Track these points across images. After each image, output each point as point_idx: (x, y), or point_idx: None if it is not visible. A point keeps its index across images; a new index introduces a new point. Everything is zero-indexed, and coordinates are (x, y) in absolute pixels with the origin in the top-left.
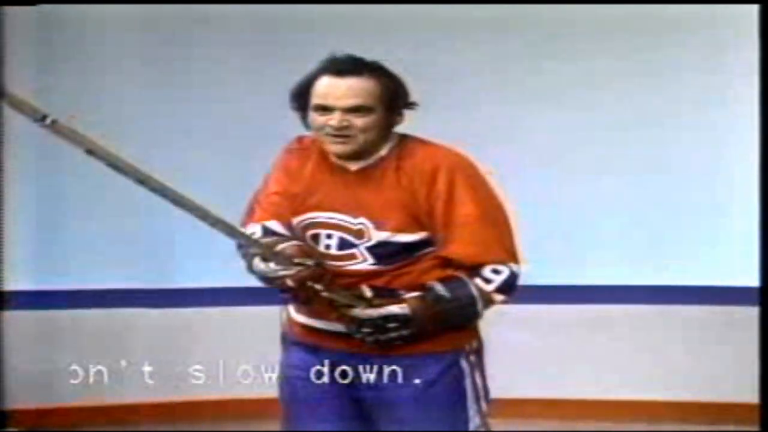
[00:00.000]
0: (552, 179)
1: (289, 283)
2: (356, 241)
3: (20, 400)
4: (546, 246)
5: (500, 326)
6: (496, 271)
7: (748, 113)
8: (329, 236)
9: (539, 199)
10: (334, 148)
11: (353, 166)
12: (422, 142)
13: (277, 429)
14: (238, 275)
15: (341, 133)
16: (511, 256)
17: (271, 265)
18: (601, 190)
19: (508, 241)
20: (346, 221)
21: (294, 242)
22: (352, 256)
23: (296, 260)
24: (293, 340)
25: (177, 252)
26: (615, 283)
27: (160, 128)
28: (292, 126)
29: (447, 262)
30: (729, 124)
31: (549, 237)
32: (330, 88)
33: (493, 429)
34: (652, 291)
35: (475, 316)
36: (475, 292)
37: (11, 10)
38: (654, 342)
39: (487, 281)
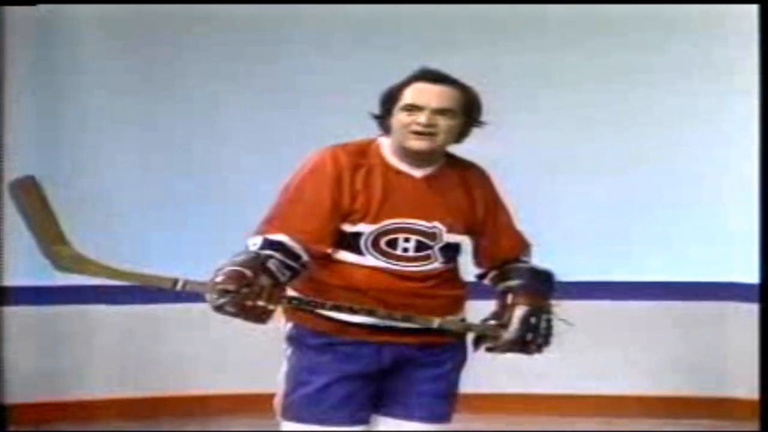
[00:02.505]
0: (551, 177)
1: (230, 309)
2: (431, 243)
3: (23, 395)
4: (545, 245)
5: None
6: (524, 261)
7: (748, 113)
8: (407, 240)
9: (536, 197)
10: (417, 143)
11: (418, 173)
12: (458, 157)
13: (267, 423)
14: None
15: (427, 130)
16: None
17: (208, 296)
18: (598, 189)
19: None
20: (422, 225)
21: (227, 268)
22: (427, 257)
23: (219, 288)
24: (343, 340)
25: (184, 250)
26: (610, 280)
27: (160, 127)
28: (294, 126)
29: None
30: (729, 123)
31: (547, 235)
32: (423, 91)
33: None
34: (648, 287)
35: None
36: None
37: (11, 10)
38: (649, 338)
39: None
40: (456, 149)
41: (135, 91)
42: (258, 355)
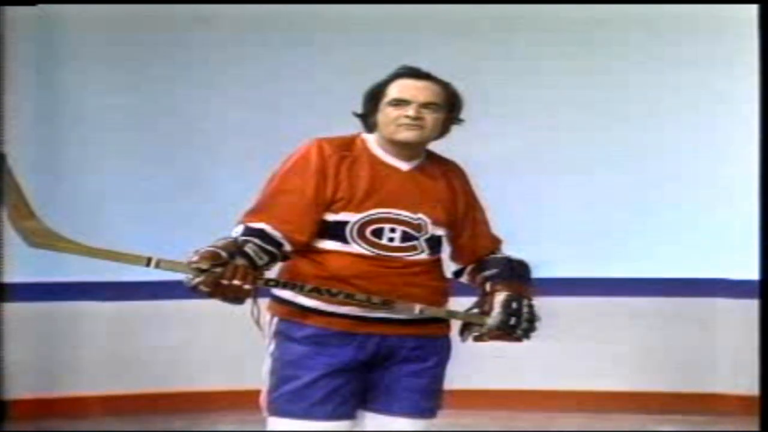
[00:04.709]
0: (541, 176)
1: (204, 288)
2: (417, 234)
3: (21, 390)
4: (533, 241)
5: None
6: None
7: (748, 112)
8: (393, 230)
9: (528, 195)
10: (407, 134)
11: (405, 166)
12: (436, 153)
13: (256, 419)
14: None
15: (416, 122)
16: None
17: (185, 277)
18: (589, 186)
19: None
20: (407, 217)
21: (202, 248)
22: (414, 248)
23: (193, 266)
24: (330, 332)
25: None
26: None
27: (160, 126)
28: (278, 123)
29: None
30: (729, 122)
31: (535, 232)
32: (408, 86)
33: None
34: (635, 284)
35: None
36: None
37: (11, 10)
38: (634, 334)
39: None
40: (446, 149)
41: (132, 90)
42: (247, 352)
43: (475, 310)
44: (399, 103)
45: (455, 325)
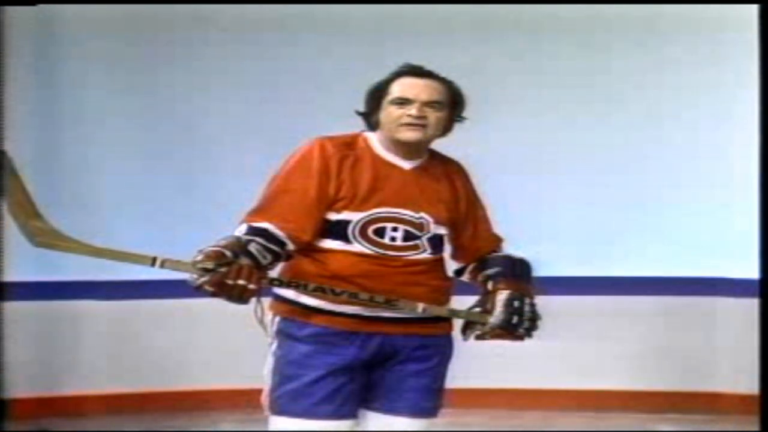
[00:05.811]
0: (542, 175)
1: (209, 288)
2: (419, 233)
3: (21, 390)
4: (533, 239)
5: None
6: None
7: (748, 112)
8: (395, 229)
9: (530, 194)
10: (409, 135)
11: (407, 165)
12: (438, 152)
13: (256, 419)
14: None
15: (418, 122)
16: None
17: (189, 276)
18: (590, 186)
19: None
20: (409, 216)
21: (207, 248)
22: (416, 247)
23: (198, 266)
24: (332, 331)
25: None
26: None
27: (160, 126)
28: (277, 124)
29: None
30: (729, 122)
31: (535, 230)
32: (411, 85)
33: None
34: (634, 282)
35: None
36: None
37: (11, 10)
38: (634, 333)
39: None
40: (447, 148)
41: (132, 90)
42: (247, 351)
43: (477, 309)
44: (401, 101)
45: (457, 323)
